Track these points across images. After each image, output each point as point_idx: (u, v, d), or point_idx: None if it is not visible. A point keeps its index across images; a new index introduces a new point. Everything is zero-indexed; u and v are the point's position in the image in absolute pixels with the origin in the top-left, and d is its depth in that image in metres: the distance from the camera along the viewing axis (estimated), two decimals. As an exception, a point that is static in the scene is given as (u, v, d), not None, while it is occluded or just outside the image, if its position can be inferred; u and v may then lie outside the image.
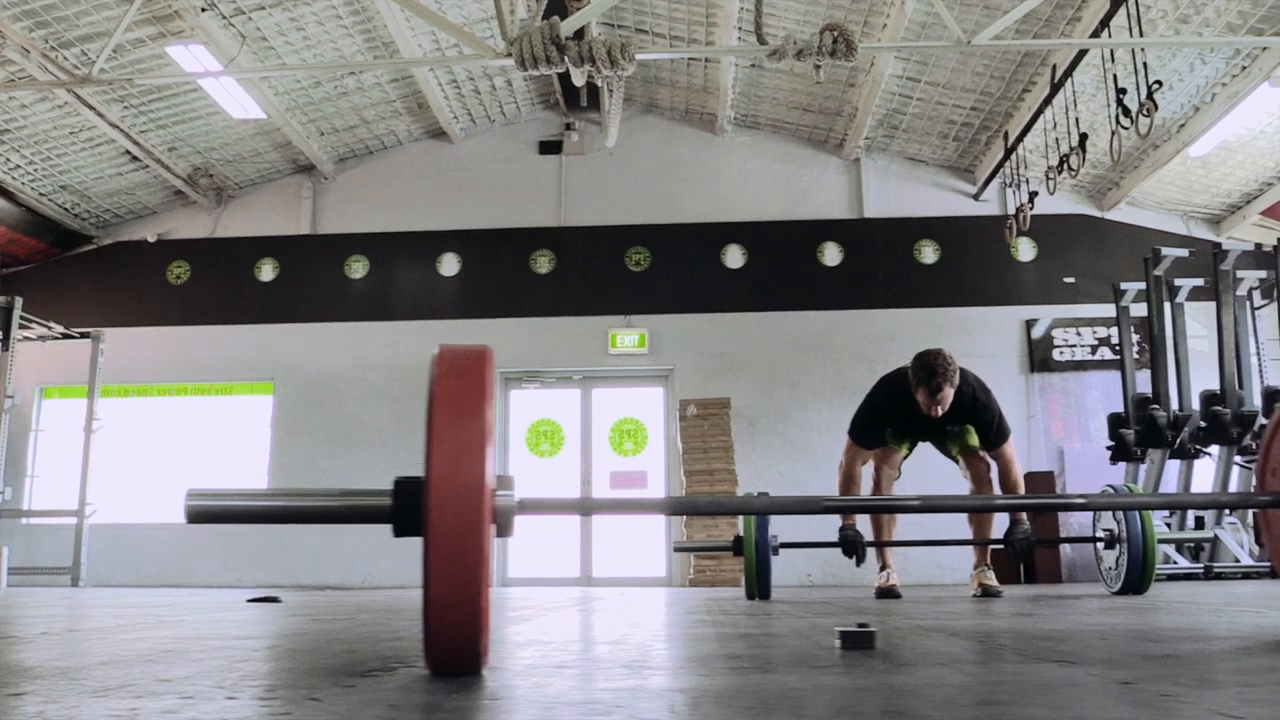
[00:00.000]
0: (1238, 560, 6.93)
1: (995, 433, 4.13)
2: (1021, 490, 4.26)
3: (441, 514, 1.28)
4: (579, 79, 5.81)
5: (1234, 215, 8.98)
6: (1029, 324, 9.17)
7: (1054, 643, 1.76)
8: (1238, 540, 7.09)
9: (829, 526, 4.31)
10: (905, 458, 4.39)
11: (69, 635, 2.23)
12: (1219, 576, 6.80)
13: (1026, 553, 4.03)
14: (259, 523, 1.48)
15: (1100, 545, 4.18)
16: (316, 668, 1.53)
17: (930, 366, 3.90)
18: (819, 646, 1.73)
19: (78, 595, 5.56)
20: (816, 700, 1.10)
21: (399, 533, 1.46)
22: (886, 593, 4.12)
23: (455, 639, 1.31)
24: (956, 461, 4.33)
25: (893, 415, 4.19)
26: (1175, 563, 6.98)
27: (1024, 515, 4.11)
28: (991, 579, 4.24)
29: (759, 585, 4.10)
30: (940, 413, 3.99)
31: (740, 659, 1.57)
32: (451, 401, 1.33)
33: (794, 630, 2.15)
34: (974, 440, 4.21)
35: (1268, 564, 6.93)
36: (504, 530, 1.49)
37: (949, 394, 3.93)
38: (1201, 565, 6.88)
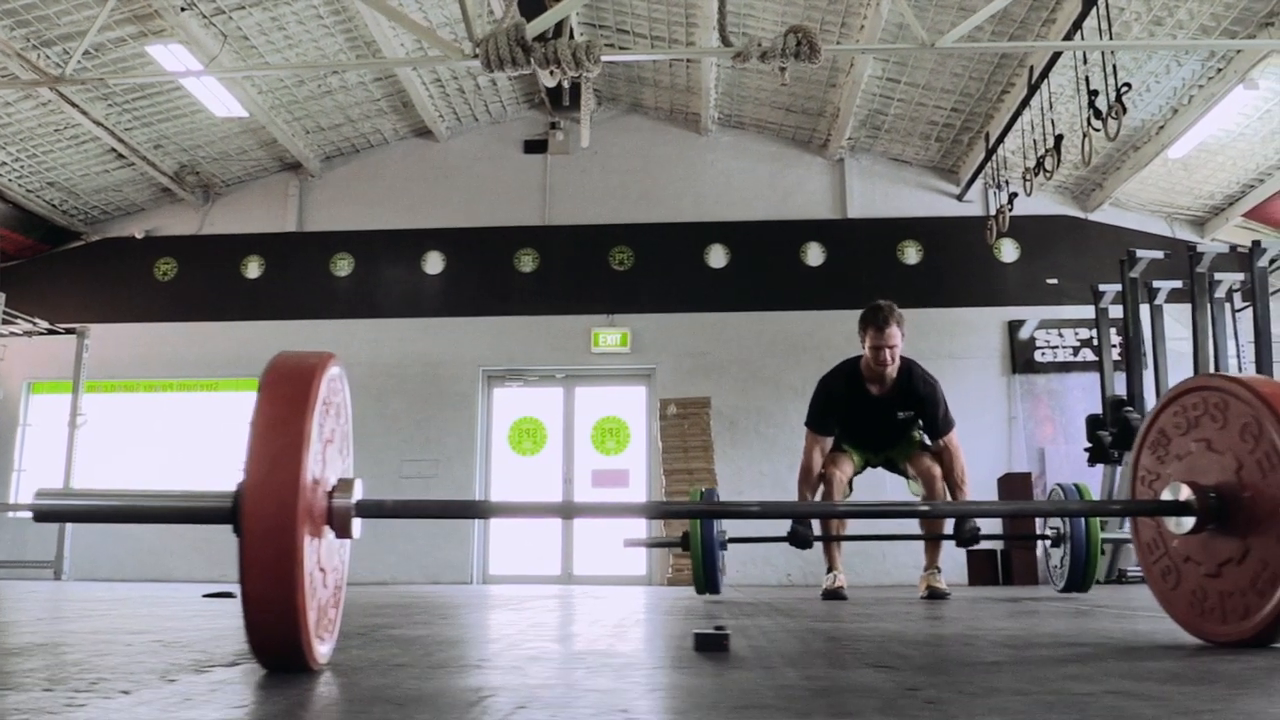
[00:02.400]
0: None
1: (942, 420, 4.18)
2: (966, 481, 4.26)
3: (254, 517, 1.31)
4: (548, 80, 5.84)
5: (1217, 217, 8.94)
6: (1011, 325, 9.16)
7: (910, 647, 1.78)
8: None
9: (784, 522, 4.34)
10: (857, 473, 4.40)
11: (-27, 629, 2.27)
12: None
13: (972, 544, 4.09)
14: (104, 522, 1.51)
15: (1048, 544, 4.19)
16: (167, 661, 1.56)
17: (874, 306, 4.15)
18: (681, 649, 1.75)
19: (46, 589, 5.62)
20: (590, 700, 1.13)
21: (238, 533, 1.48)
22: (832, 594, 4.15)
23: (273, 637, 1.33)
24: (906, 475, 4.35)
25: (845, 401, 4.22)
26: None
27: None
28: (939, 581, 4.25)
29: (707, 581, 4.12)
30: (890, 361, 4.07)
31: (584, 659, 1.60)
32: (270, 407, 1.36)
33: (684, 633, 2.17)
34: (914, 445, 4.25)
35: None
36: (343, 532, 1.52)
37: (895, 334, 4.06)
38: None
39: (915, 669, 1.43)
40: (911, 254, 9.34)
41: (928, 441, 4.34)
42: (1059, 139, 6.99)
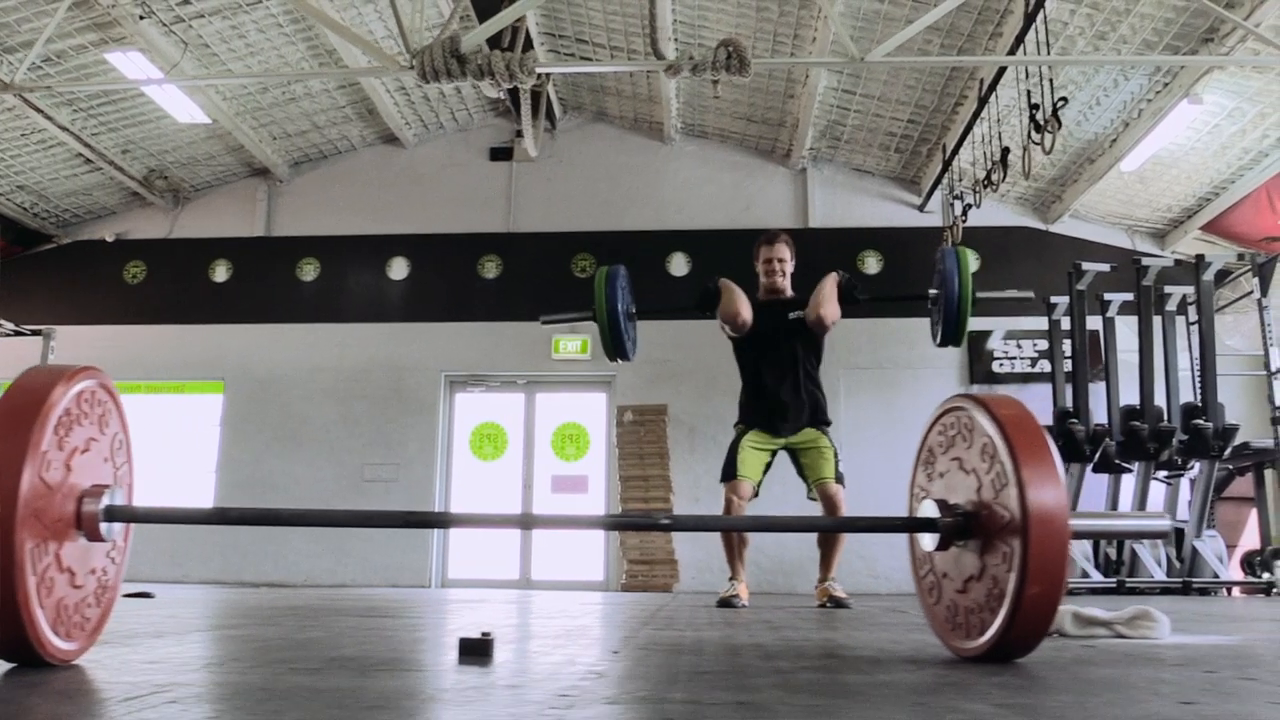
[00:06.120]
0: (1153, 576, 6.94)
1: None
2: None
3: (-27, 522, 1.38)
4: (490, 91, 5.92)
5: (1176, 230, 8.98)
6: (970, 335, 9.18)
7: (675, 655, 1.83)
8: (1155, 556, 7.10)
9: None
10: (757, 485, 4.45)
11: None
12: (1132, 591, 6.81)
13: (854, 290, 4.39)
14: None
15: (930, 305, 4.15)
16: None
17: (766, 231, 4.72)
18: (445, 653, 1.82)
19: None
20: (298, 700, 1.19)
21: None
22: (725, 603, 4.21)
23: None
24: (806, 481, 4.41)
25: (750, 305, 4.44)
26: (1089, 576, 6.99)
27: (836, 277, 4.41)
28: (840, 590, 4.30)
29: (615, 348, 4.23)
30: (780, 274, 4.48)
31: (342, 663, 1.66)
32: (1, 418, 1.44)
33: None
34: (827, 471, 4.29)
35: (1180, 579, 6.94)
36: (92, 535, 1.59)
37: (784, 250, 4.53)
38: (1115, 580, 6.89)
39: (638, 677, 1.49)
40: (872, 263, 9.40)
41: (832, 470, 4.36)
42: (1005, 152, 7.06)
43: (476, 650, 1.75)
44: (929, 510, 1.79)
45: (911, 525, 1.79)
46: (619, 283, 4.19)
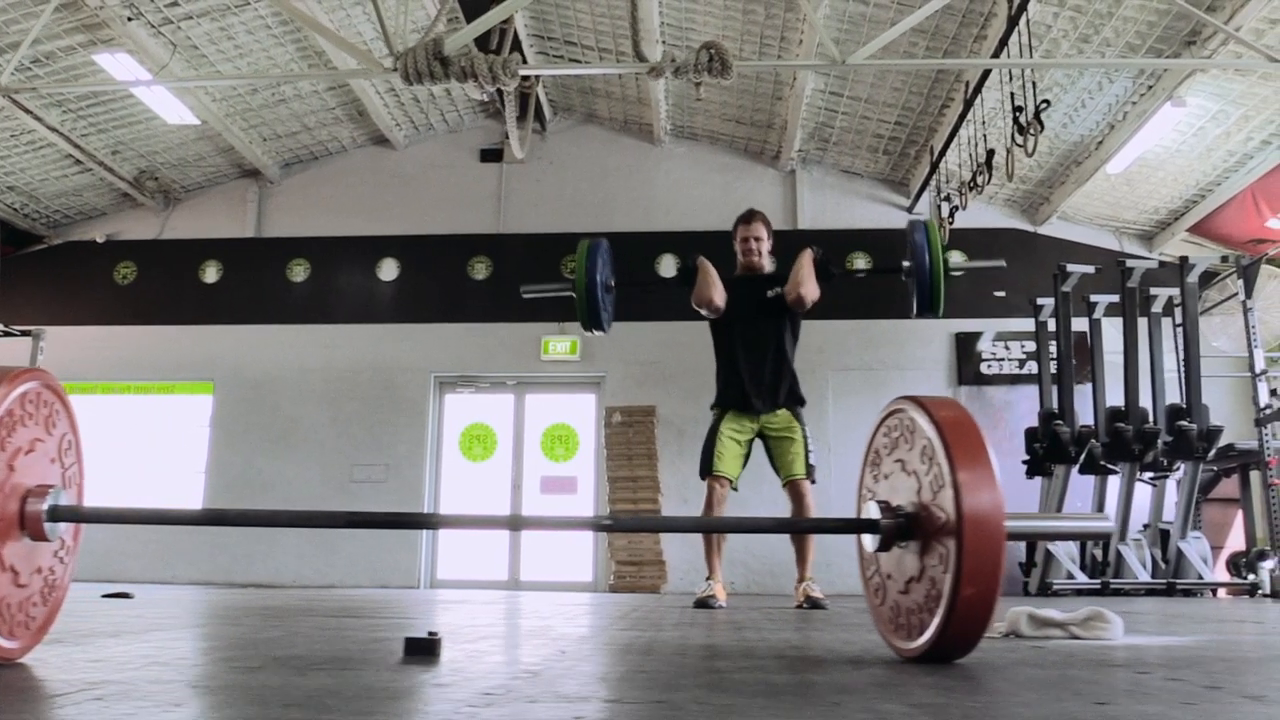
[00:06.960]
0: (1137, 577, 6.96)
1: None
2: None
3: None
4: (474, 93, 5.94)
5: (1164, 231, 8.99)
6: (958, 337, 9.22)
7: (624, 655, 1.85)
8: (1140, 558, 7.12)
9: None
10: (737, 478, 4.47)
11: None
12: (1117, 592, 6.83)
13: (828, 265, 4.50)
14: None
15: (904, 277, 4.20)
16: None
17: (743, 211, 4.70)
18: (393, 653, 1.83)
19: None
20: (221, 698, 1.21)
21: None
22: (702, 604, 4.23)
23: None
24: (778, 472, 4.43)
25: (726, 280, 4.47)
26: (1074, 577, 7.01)
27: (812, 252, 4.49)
28: (816, 591, 4.32)
29: (590, 318, 4.27)
30: (758, 254, 4.54)
31: (279, 660, 1.68)
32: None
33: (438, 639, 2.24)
34: (798, 469, 4.30)
35: (1165, 581, 6.96)
36: (36, 535, 1.60)
37: (761, 228, 4.60)
38: (1099, 581, 6.91)
39: (573, 676, 1.50)
40: (861, 265, 9.40)
41: (803, 466, 4.38)
42: (990, 154, 7.08)
43: (422, 649, 1.77)
44: (872, 511, 1.80)
45: (854, 526, 1.81)
46: (600, 255, 4.24)
